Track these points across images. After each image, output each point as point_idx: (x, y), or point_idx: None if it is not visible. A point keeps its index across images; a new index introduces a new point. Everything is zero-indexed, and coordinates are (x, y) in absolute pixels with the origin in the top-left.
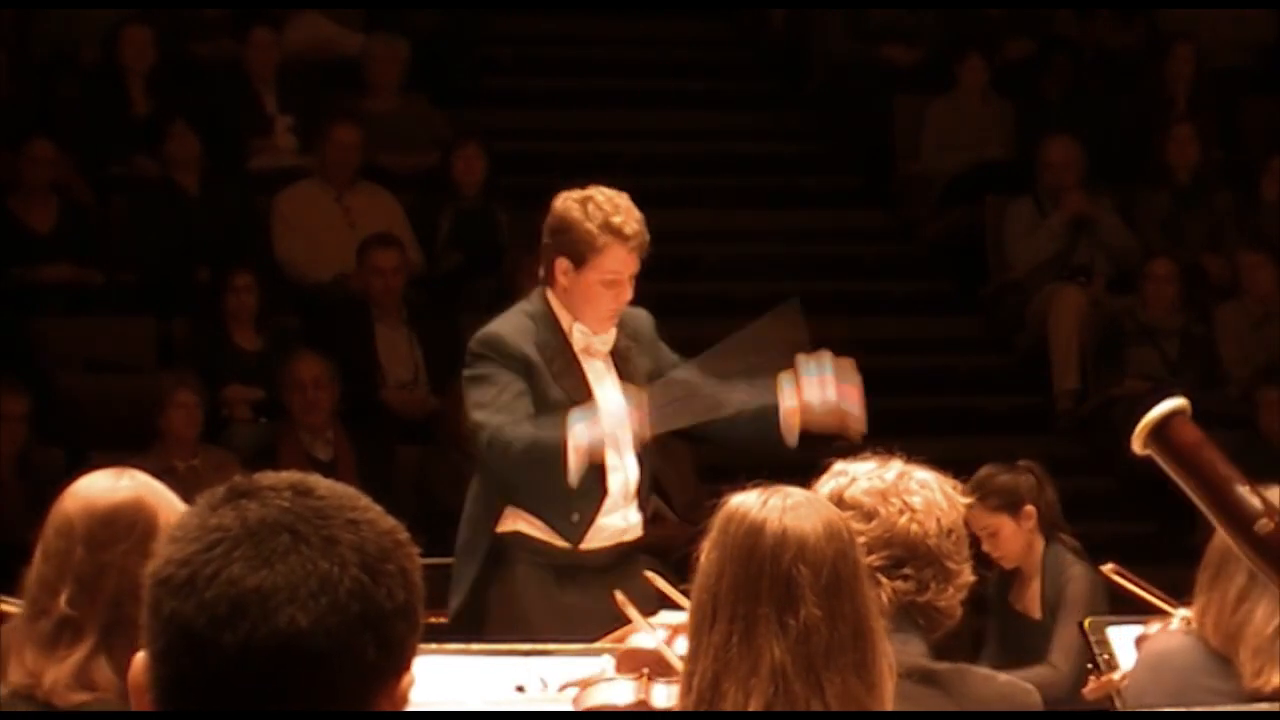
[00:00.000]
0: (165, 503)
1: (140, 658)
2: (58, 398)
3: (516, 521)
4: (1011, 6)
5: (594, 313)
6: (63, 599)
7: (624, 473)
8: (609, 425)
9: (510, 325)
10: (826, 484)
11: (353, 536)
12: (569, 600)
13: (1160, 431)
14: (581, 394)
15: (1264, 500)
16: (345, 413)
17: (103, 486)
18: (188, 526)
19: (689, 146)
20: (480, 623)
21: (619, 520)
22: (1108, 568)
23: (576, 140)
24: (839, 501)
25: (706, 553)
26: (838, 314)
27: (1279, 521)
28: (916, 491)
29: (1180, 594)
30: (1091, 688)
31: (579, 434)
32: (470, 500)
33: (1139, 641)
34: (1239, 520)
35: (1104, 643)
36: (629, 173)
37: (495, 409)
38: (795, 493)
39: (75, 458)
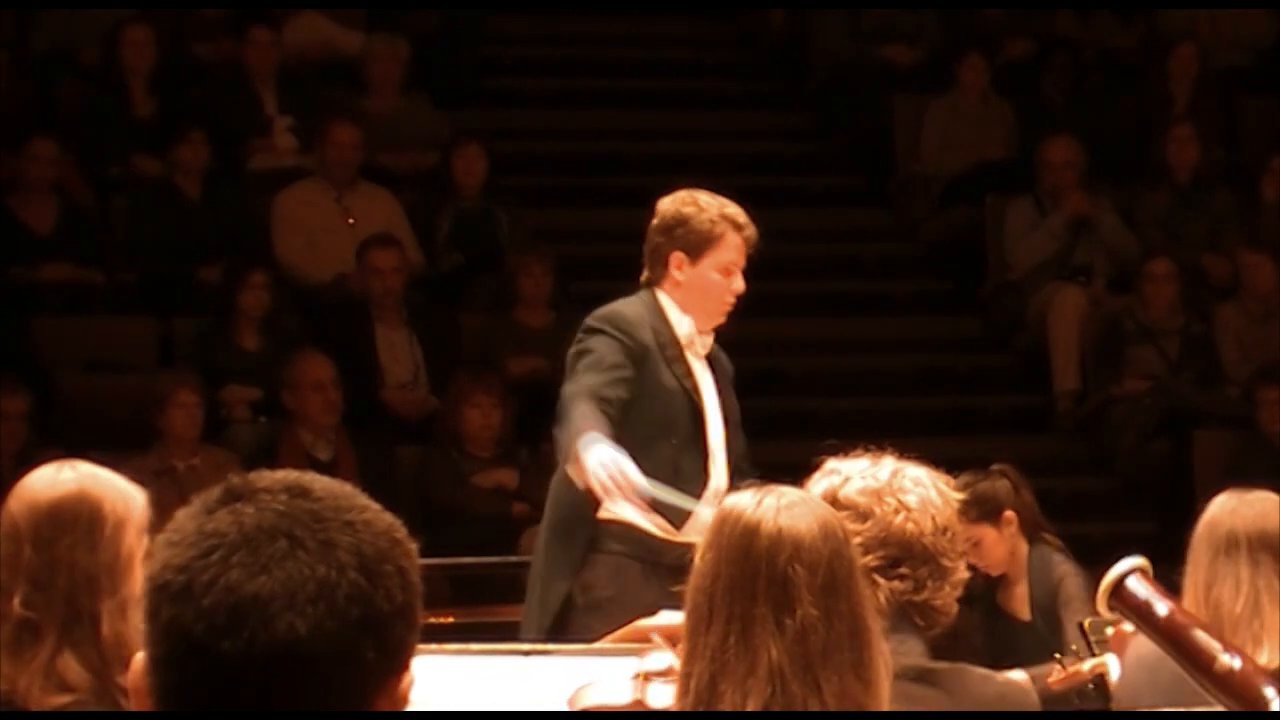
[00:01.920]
0: (112, 490)
1: (139, 660)
2: (58, 398)
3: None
4: (1011, 6)
5: (710, 305)
6: (16, 601)
7: (718, 469)
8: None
9: (631, 308)
10: (819, 483)
11: (350, 539)
12: (649, 598)
13: (1119, 591)
14: (691, 383)
15: (1221, 640)
16: (345, 413)
17: (45, 483)
18: (184, 531)
19: (689, 146)
20: (567, 618)
21: (709, 515)
22: None
23: (576, 140)
24: (833, 501)
25: (702, 554)
26: (838, 314)
27: (1237, 668)
28: (911, 490)
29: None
30: (1058, 678)
31: (594, 461)
32: (556, 505)
33: (1116, 639)
34: (1199, 664)
35: (1104, 642)
36: (629, 173)
37: (579, 376)
38: (790, 492)
39: (75, 458)
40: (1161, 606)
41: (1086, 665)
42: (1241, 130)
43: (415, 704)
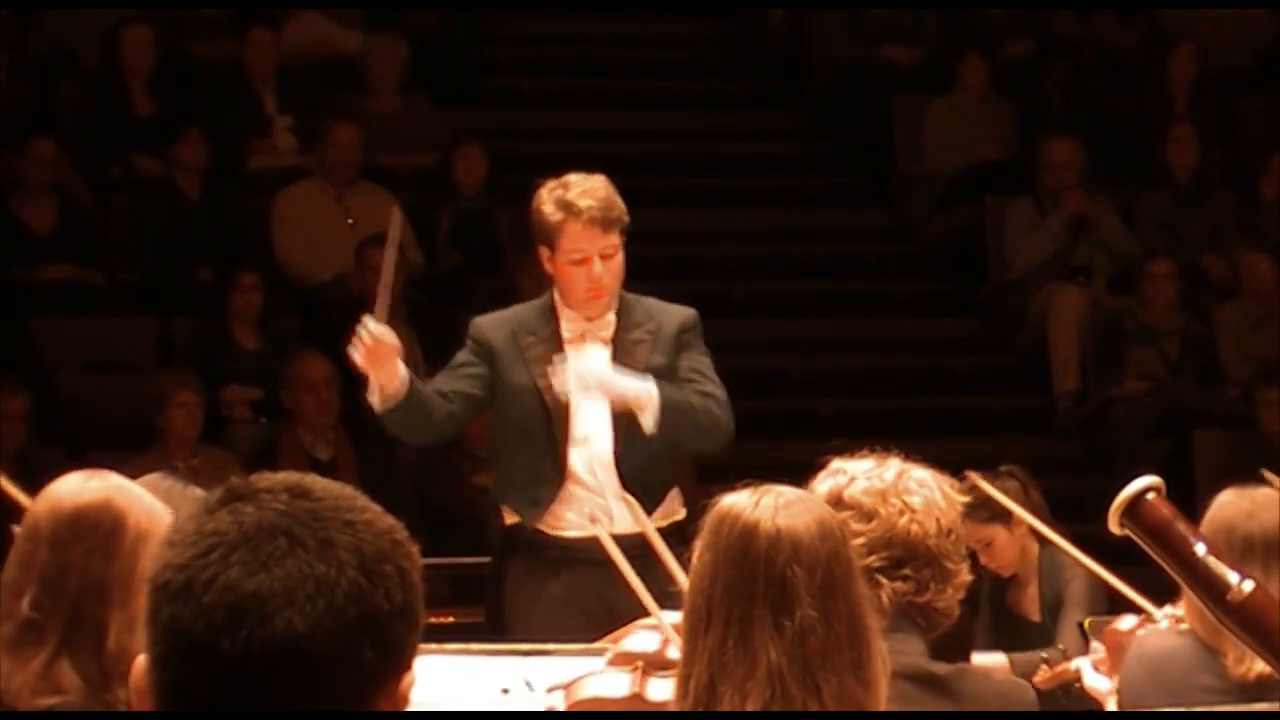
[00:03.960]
0: (138, 504)
1: (141, 661)
2: (58, 398)
3: (508, 514)
4: (1011, 6)
5: (574, 295)
6: (25, 602)
7: (590, 458)
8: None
9: (495, 314)
10: (824, 482)
11: (349, 538)
12: (554, 593)
13: (1132, 510)
14: (550, 380)
15: (1235, 568)
16: (345, 413)
17: (71, 488)
18: (184, 531)
19: (689, 146)
20: (501, 620)
21: (595, 505)
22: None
23: (576, 140)
24: (837, 501)
25: (699, 554)
26: (838, 314)
27: (1247, 591)
28: (916, 491)
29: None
30: (1045, 677)
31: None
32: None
33: (1108, 635)
34: (1212, 592)
35: None
36: (629, 173)
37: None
38: (787, 492)
39: (75, 458)
40: (1179, 527)
41: (1074, 664)
42: (1241, 130)
43: (416, 704)
